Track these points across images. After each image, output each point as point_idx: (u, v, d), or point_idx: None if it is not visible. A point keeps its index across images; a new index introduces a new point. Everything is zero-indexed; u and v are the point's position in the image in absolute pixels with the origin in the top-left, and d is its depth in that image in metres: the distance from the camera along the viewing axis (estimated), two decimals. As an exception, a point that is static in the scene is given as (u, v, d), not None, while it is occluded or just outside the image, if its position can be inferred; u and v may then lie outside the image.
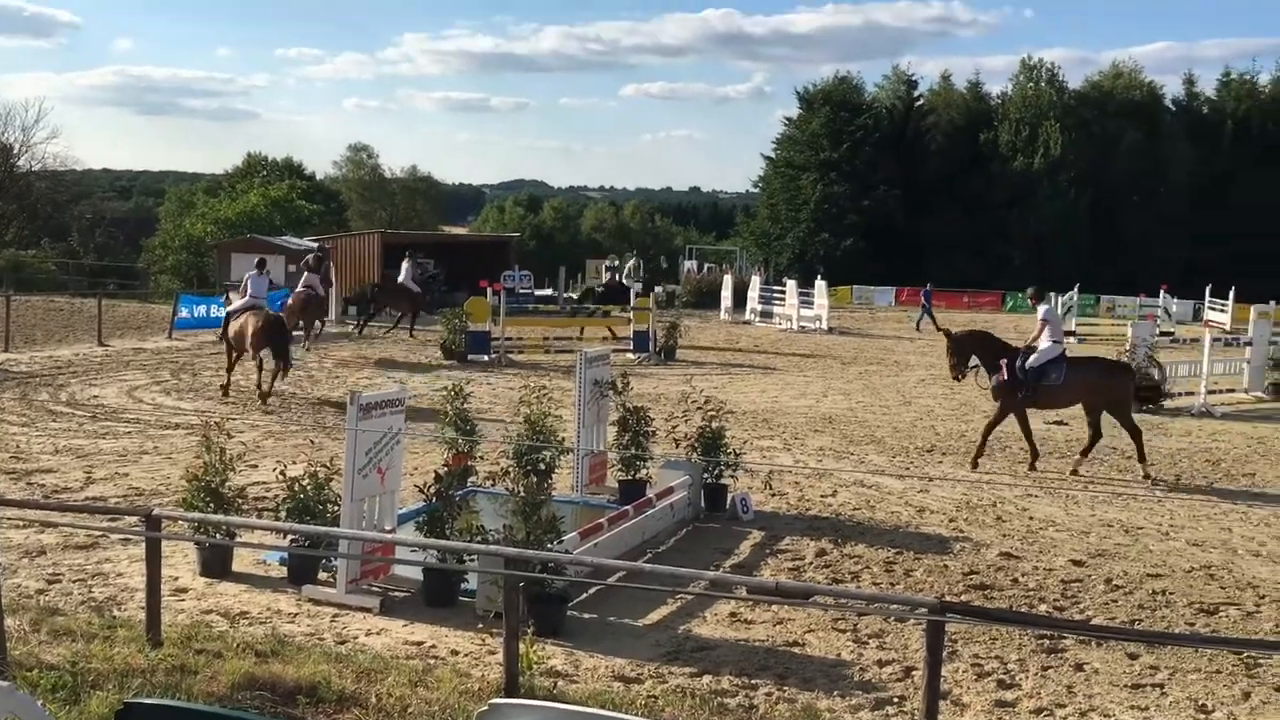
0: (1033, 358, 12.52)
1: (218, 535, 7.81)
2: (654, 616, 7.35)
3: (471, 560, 7.10)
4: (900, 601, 6.53)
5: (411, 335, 24.69)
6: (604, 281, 31.16)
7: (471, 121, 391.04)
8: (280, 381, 15.71)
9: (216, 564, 7.92)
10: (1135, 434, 12.51)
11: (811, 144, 58.50)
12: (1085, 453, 12.72)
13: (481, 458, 10.62)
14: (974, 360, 12.97)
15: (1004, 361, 12.58)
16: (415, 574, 7.64)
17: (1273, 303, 28.35)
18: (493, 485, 9.76)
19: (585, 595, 7.57)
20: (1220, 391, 19.09)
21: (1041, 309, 13.15)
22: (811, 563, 8.74)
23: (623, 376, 11.21)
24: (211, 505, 7.86)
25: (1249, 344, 20.29)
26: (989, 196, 55.67)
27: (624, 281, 30.66)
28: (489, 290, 23.00)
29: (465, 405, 10.46)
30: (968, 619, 6.21)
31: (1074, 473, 12.49)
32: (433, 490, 7.76)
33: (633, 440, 10.29)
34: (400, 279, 26.16)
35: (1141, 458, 12.46)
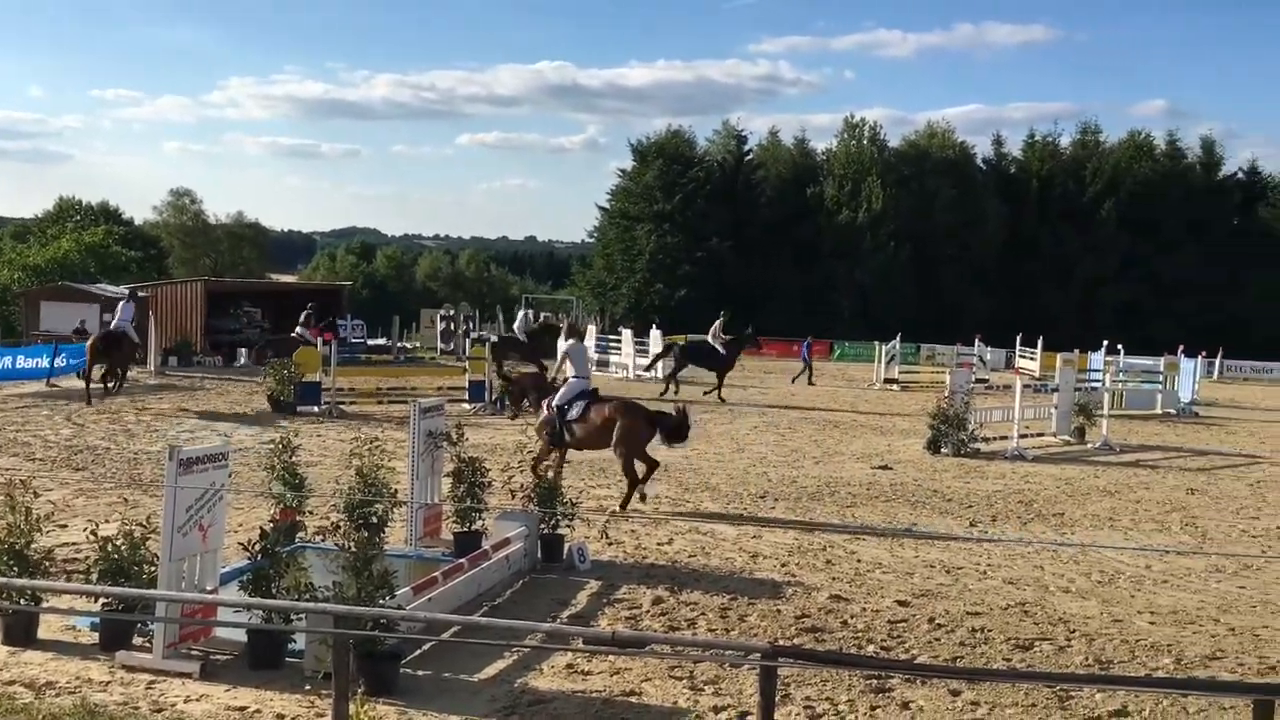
0: (558, 395, 12.66)
1: (21, 601, 7.34)
2: (490, 671, 7.24)
3: (299, 619, 6.85)
4: (734, 647, 6.61)
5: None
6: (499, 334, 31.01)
7: (302, 167, 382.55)
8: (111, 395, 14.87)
9: (20, 631, 7.42)
10: (630, 476, 12.27)
11: (645, 195, 59.57)
12: (631, 490, 12.40)
13: (311, 512, 10.30)
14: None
15: (546, 400, 12.81)
16: (239, 635, 7.33)
17: (1076, 351, 30.12)
18: (322, 540, 9.47)
19: (419, 651, 7.40)
20: (1031, 435, 20.11)
21: (562, 345, 13.29)
22: (648, 611, 8.77)
23: (457, 427, 11.08)
24: (15, 569, 7.39)
25: (1056, 390, 21.48)
26: (817, 248, 57.70)
27: (515, 331, 30.39)
28: (319, 339, 22.46)
29: (294, 458, 10.15)
30: (799, 662, 6.32)
31: (623, 508, 12.23)
32: (258, 547, 7.48)
33: (468, 492, 10.17)
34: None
35: (628, 496, 12.29)
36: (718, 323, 28.57)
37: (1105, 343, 32.14)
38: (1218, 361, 44.30)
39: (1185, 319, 54.26)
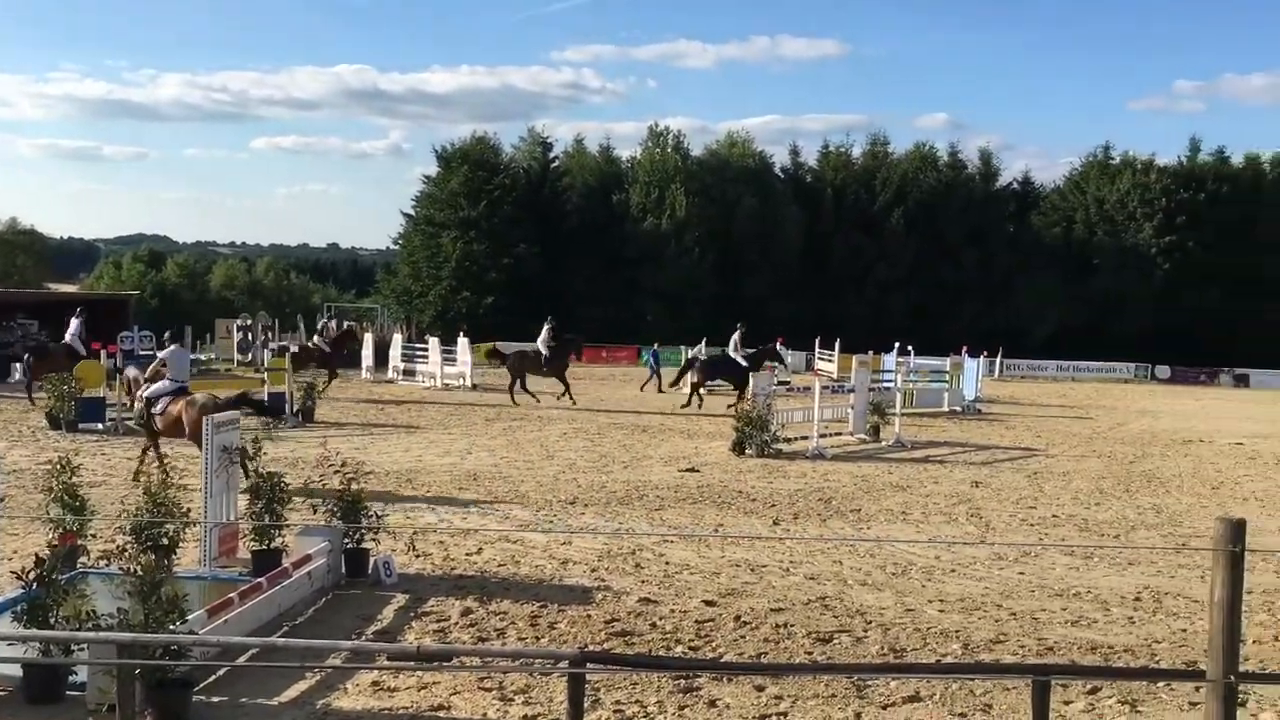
0: (150, 389, 14.11)
1: None
2: (291, 693, 6.98)
3: (81, 650, 6.44)
4: (542, 655, 6.59)
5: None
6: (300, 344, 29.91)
7: (83, 171, 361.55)
8: None
9: None
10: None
11: (451, 202, 58.87)
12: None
13: (94, 535, 9.71)
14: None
15: (138, 394, 14.61)
16: (14, 670, 6.83)
17: (870, 353, 31.37)
18: (107, 565, 8.94)
19: (214, 678, 7.07)
20: (830, 435, 20.86)
21: (162, 352, 14.71)
22: (457, 622, 8.64)
23: (254, 441, 10.66)
24: None
25: (852, 391, 22.36)
26: (623, 254, 58.28)
27: (315, 341, 29.38)
28: (103, 352, 21.24)
29: (74, 479, 9.55)
30: (607, 667, 6.36)
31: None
32: (33, 575, 7.00)
33: (266, 508, 9.79)
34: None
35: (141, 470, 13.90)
36: (736, 335, 28.26)
37: (897, 344, 33.65)
38: (998, 361, 47.11)
39: (968, 321, 57.39)
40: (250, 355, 35.74)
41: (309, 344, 29.36)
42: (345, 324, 37.66)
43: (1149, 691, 7.39)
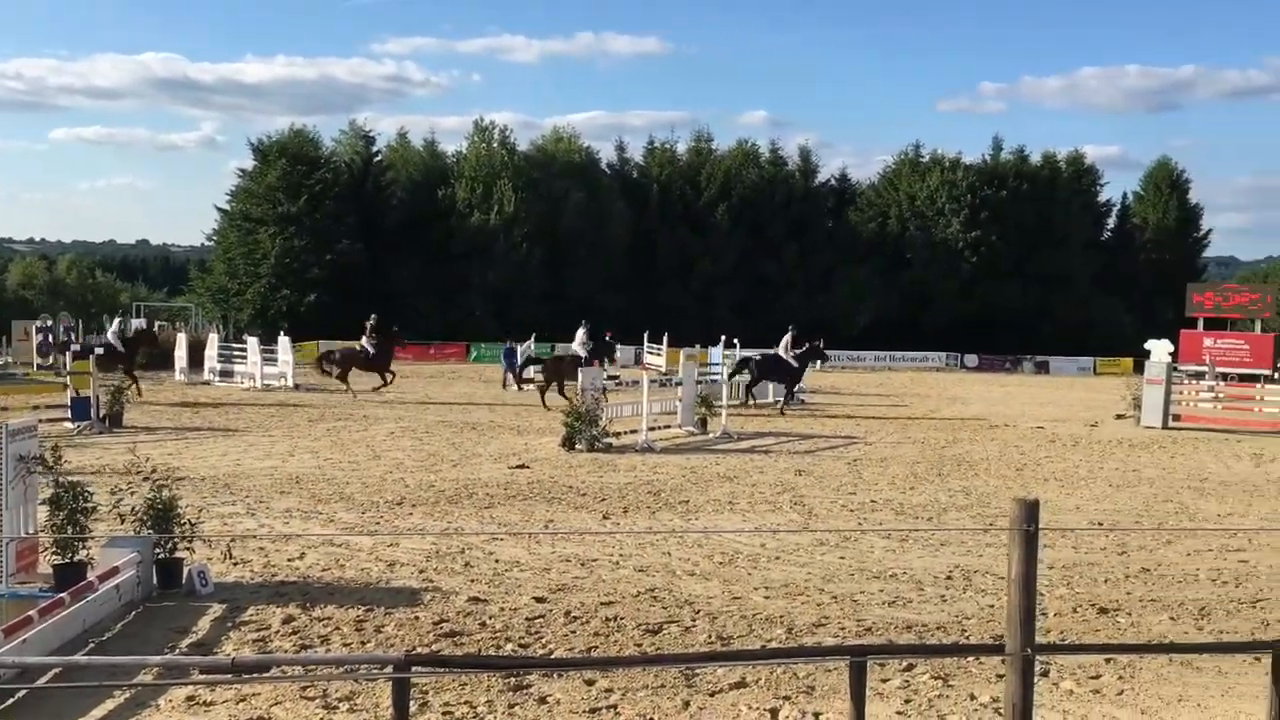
0: None
1: None
2: (97, 713, 6.62)
3: None
4: (366, 660, 6.43)
5: None
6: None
7: None
8: None
9: None
10: None
11: (269, 197, 56.96)
12: None
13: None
14: None
15: None
16: None
17: (698, 346, 31.88)
18: (-112, 587, 8.29)
19: (11, 701, 6.64)
20: (659, 428, 21.10)
21: None
22: (278, 631, 8.36)
23: (54, 449, 10.07)
24: None
25: (680, 384, 22.67)
26: (450, 250, 57.56)
27: (110, 340, 27.85)
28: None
29: None
30: (433, 669, 6.26)
31: None
32: None
33: (68, 519, 9.25)
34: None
35: None
36: (788, 336, 28.39)
37: (723, 337, 34.28)
38: (780, 350, 48.48)
39: (790, 313, 58.98)
40: (51, 358, 33.75)
41: (106, 342, 27.92)
42: (141, 325, 36.10)
43: (960, 666, 7.75)
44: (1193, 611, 9.58)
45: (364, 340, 28.60)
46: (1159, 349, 26.74)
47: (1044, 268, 64.49)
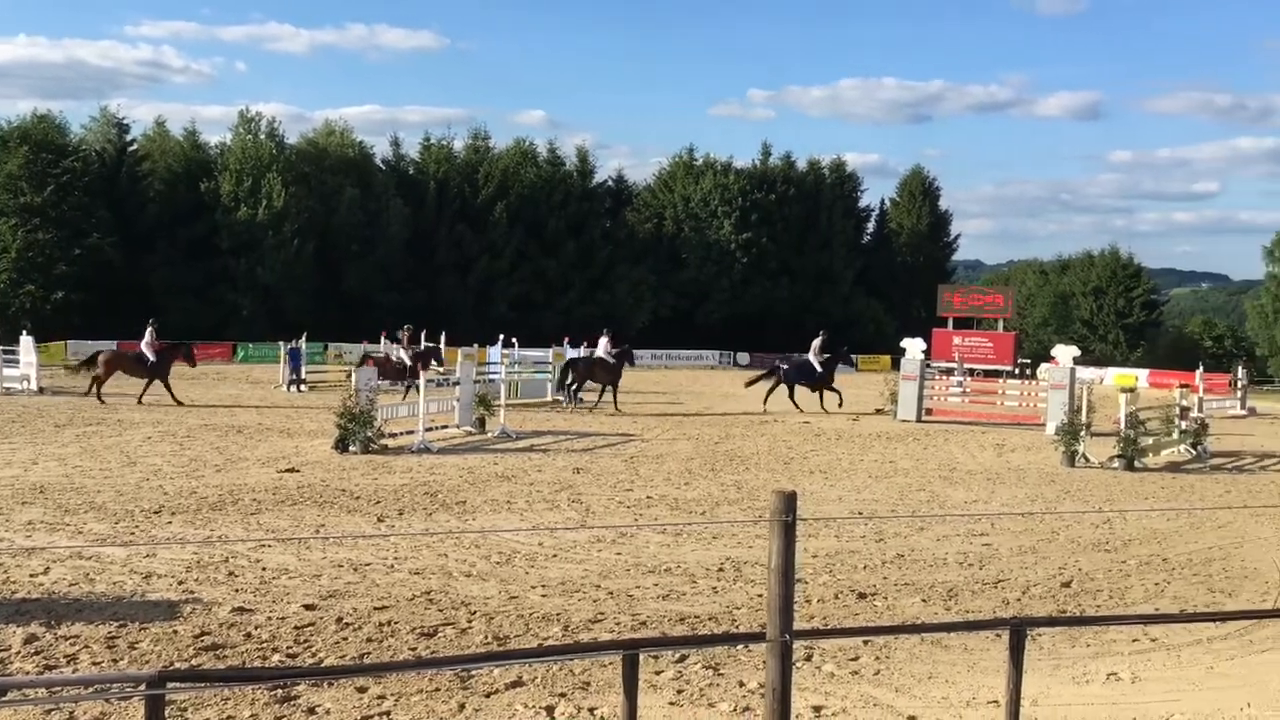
0: None
1: None
2: None
3: None
4: (115, 680, 6.05)
5: None
6: None
7: None
8: None
9: None
10: None
11: (9, 187, 52.87)
12: None
13: None
14: None
15: None
16: None
17: (476, 345, 31.65)
18: None
19: None
20: (437, 428, 20.82)
21: None
22: (19, 652, 7.77)
23: None
24: None
25: (458, 384, 22.44)
26: (215, 245, 55.00)
27: None
28: None
29: None
30: (191, 685, 5.96)
31: None
32: None
33: None
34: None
35: None
36: (817, 341, 28.99)
37: (501, 336, 34.16)
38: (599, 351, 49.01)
39: (568, 311, 59.44)
40: None
41: None
42: None
43: (730, 655, 7.99)
44: (942, 593, 10.21)
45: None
46: (913, 347, 28.36)
47: (810, 268, 67.40)
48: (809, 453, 20.57)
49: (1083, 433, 20.13)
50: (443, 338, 39.27)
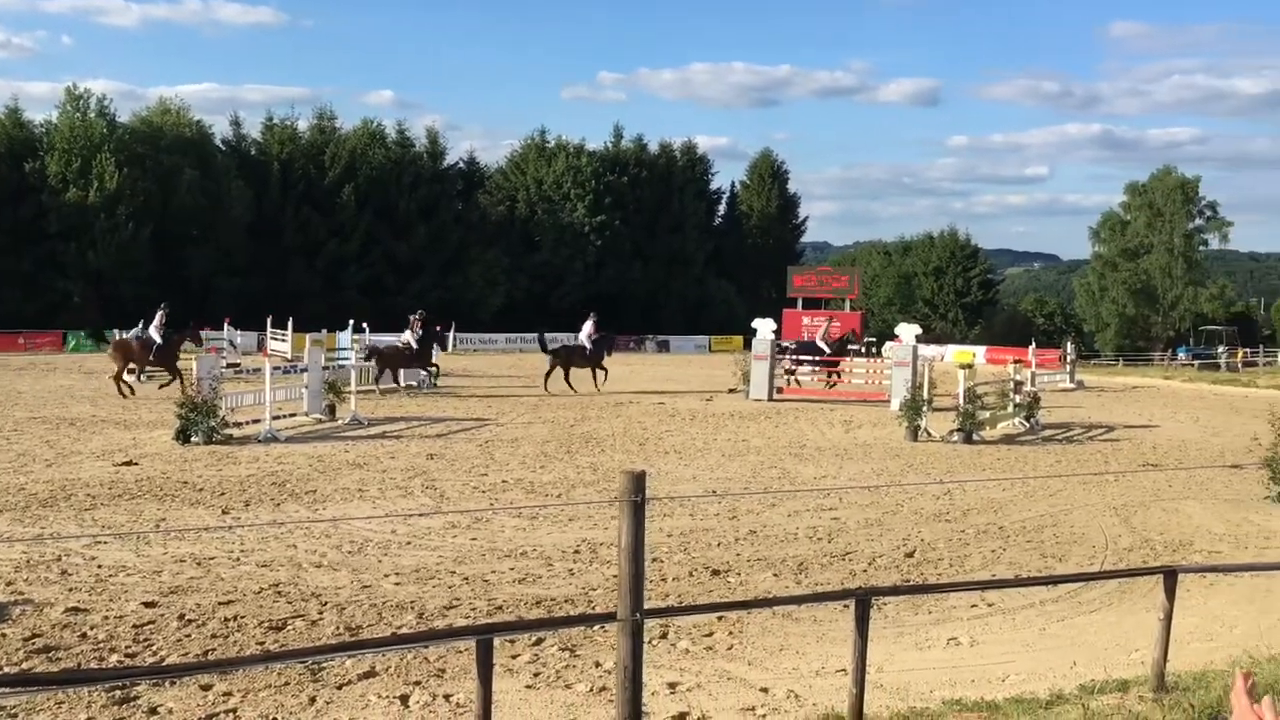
0: None
1: None
2: None
3: None
4: (-62, 689, 5.72)
5: None
6: None
7: None
8: None
9: None
10: None
11: None
12: None
13: None
14: None
15: None
16: None
17: (325, 331, 30.93)
18: None
19: None
20: (284, 416, 20.25)
21: None
22: None
23: None
24: None
25: (306, 370, 21.86)
26: (42, 229, 52.21)
27: None
28: None
29: None
30: (22, 689, 5.67)
31: None
32: None
33: None
34: None
35: None
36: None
37: (351, 321, 33.43)
38: (451, 335, 48.54)
39: (421, 295, 58.51)
40: None
41: None
42: None
43: (586, 636, 8.02)
44: (793, 567, 10.47)
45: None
46: (764, 327, 28.90)
47: (663, 251, 67.94)
48: (664, 433, 20.78)
49: (924, 408, 20.87)
50: (290, 324, 38.23)
